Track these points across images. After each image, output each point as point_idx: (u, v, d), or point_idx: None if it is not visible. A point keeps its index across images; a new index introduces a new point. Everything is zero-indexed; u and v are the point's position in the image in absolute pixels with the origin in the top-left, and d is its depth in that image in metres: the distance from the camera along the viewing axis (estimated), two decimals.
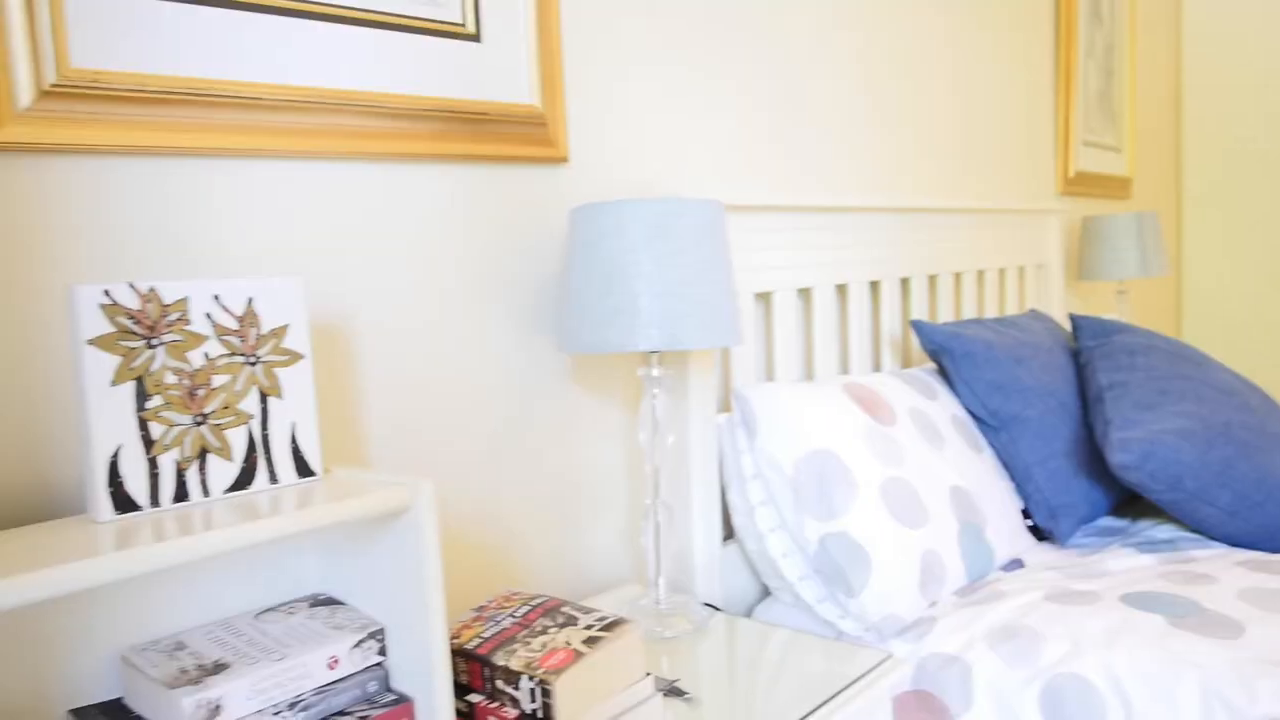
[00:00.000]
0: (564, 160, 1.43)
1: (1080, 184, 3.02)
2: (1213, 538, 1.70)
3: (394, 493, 0.91)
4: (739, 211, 1.63)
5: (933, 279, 2.21)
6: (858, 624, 1.46)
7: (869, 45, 2.08)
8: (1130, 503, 1.96)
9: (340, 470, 1.02)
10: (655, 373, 1.36)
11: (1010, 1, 2.63)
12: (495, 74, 1.33)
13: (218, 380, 0.90)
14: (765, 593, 1.67)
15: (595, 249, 1.27)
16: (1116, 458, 1.63)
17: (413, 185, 1.26)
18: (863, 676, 1.24)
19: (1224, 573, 1.51)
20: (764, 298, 1.79)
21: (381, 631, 0.97)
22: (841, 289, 1.97)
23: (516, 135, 1.36)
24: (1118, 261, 2.80)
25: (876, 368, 2.06)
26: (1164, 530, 1.77)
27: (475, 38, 1.30)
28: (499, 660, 1.02)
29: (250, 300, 0.93)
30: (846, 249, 1.90)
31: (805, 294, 1.88)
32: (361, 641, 0.95)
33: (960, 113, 2.42)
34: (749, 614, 1.63)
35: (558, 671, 0.98)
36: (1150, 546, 1.68)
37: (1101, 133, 3.18)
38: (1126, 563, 1.61)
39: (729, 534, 1.69)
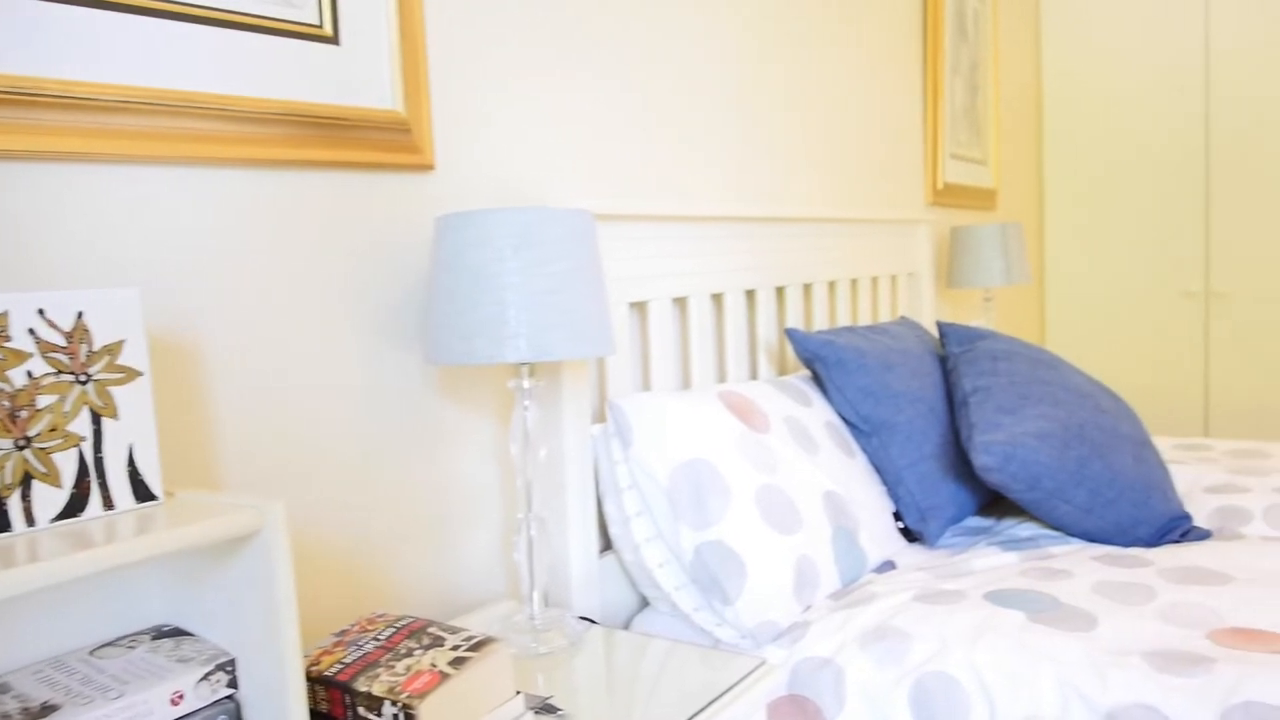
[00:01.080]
0: (430, 168, 1.40)
1: (948, 195, 3.13)
2: (1071, 534, 1.77)
3: (242, 516, 0.86)
4: (611, 221, 1.63)
5: (808, 287, 2.25)
6: (734, 631, 1.47)
7: (744, 59, 2.10)
8: (996, 502, 2.03)
9: (186, 494, 0.96)
10: (526, 384, 1.34)
11: (880, 20, 2.71)
12: (355, 78, 1.29)
13: (43, 401, 0.84)
14: (644, 603, 1.66)
15: (461, 259, 1.25)
16: (980, 460, 1.68)
17: (266, 192, 1.21)
18: (736, 684, 1.24)
19: (1079, 567, 1.57)
20: (639, 307, 1.79)
21: (232, 663, 0.92)
22: (717, 298, 1.99)
23: (379, 142, 1.32)
24: (984, 270, 2.90)
25: (753, 376, 2.08)
26: (1026, 528, 1.84)
27: (333, 40, 1.26)
28: (360, 686, 0.98)
29: (80, 314, 0.87)
30: (721, 258, 1.92)
31: (681, 303, 1.89)
32: (209, 674, 0.90)
33: (834, 126, 2.47)
34: (628, 625, 1.62)
35: (422, 695, 0.95)
36: (1013, 544, 1.75)
37: (968, 146, 3.30)
38: (991, 561, 1.66)
39: (608, 545, 1.68)
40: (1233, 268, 3.63)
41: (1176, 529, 1.74)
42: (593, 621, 1.46)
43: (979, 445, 1.70)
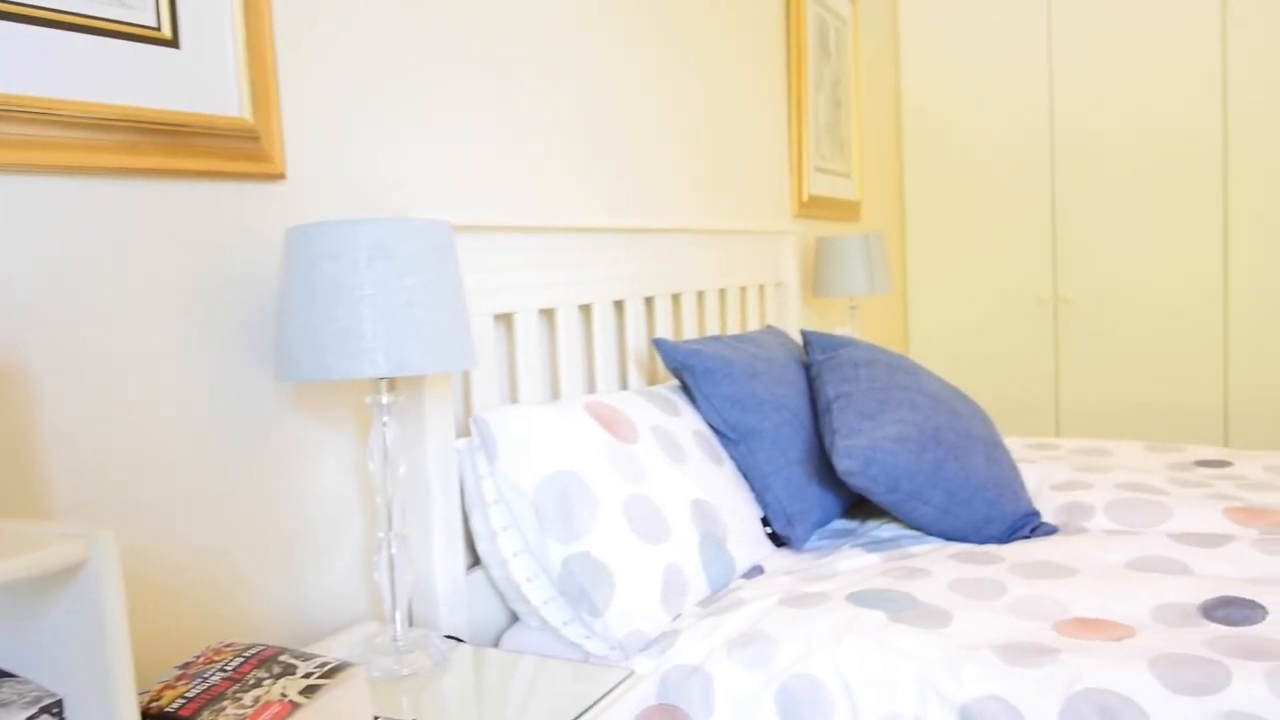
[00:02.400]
0: (280, 177, 1.35)
1: (814, 207, 3.21)
2: (929, 533, 1.83)
3: (68, 546, 0.81)
4: (474, 232, 1.60)
5: (676, 298, 2.27)
6: (603, 643, 1.46)
7: (614, 71, 2.11)
8: (860, 504, 2.09)
9: (6, 524, 0.89)
10: (385, 399, 1.30)
11: (745, 37, 2.77)
12: (197, 83, 1.23)
13: None
14: (514, 619, 1.64)
15: (314, 271, 1.20)
16: (842, 464, 1.72)
17: (100, 203, 1.14)
18: (605, 696, 1.23)
19: (937, 566, 1.63)
20: (504, 319, 1.77)
21: (59, 704, 0.86)
22: (585, 309, 1.98)
23: (225, 150, 1.26)
24: (848, 279, 2.99)
25: (623, 386, 2.08)
26: (888, 529, 1.90)
27: (172, 43, 1.20)
28: None
29: None
30: (589, 269, 1.92)
31: (548, 314, 1.88)
32: (33, 717, 0.84)
33: (703, 141, 2.51)
34: (497, 642, 1.59)
35: None
36: (875, 545, 1.80)
37: (832, 159, 3.40)
38: (854, 562, 1.70)
39: (476, 562, 1.65)
40: (1077, 276, 3.85)
41: (1026, 526, 1.82)
42: (459, 640, 1.43)
43: (841, 450, 1.74)
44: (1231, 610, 1.39)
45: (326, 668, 1.01)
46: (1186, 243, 3.65)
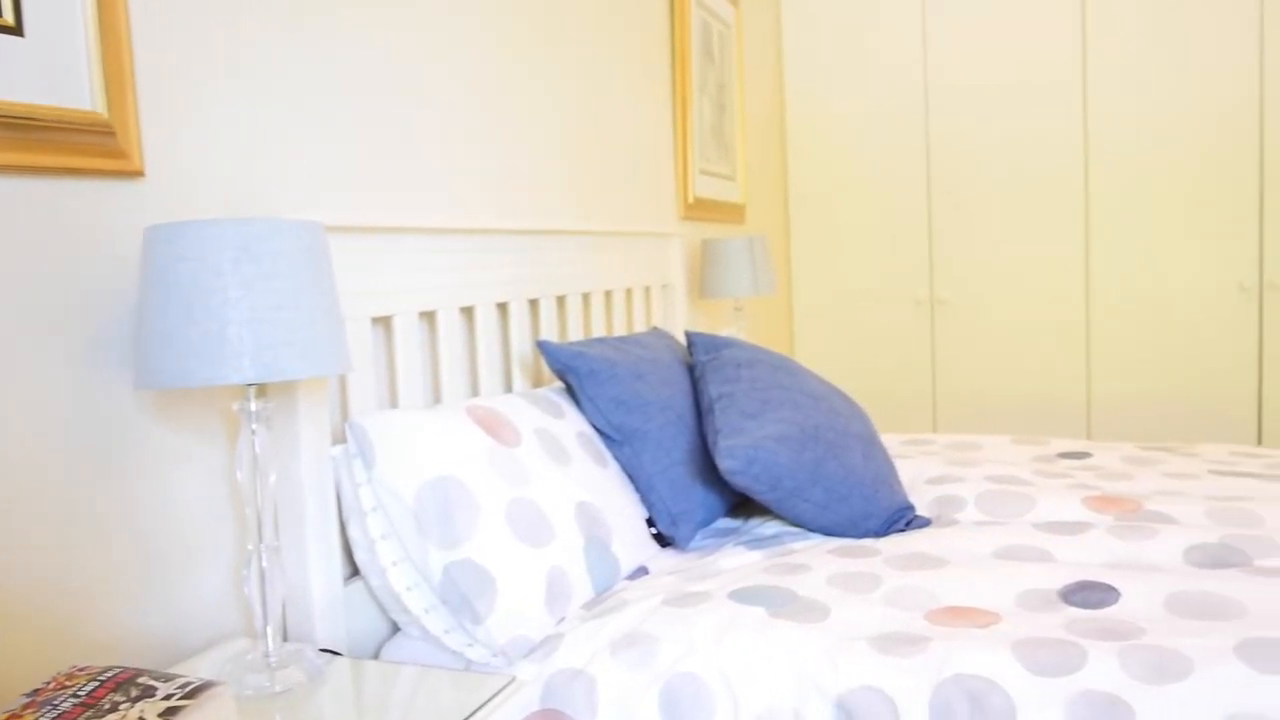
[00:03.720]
0: (139, 174, 1.29)
1: (699, 210, 3.25)
2: (810, 530, 1.87)
3: None
4: (350, 233, 1.56)
5: (561, 299, 2.27)
6: (486, 651, 1.44)
7: (495, 72, 2.09)
8: (744, 503, 2.12)
9: None
10: (254, 406, 1.26)
11: (629, 40, 2.78)
12: (45, 75, 1.17)
13: None
14: (395, 630, 1.60)
15: (174, 273, 1.15)
16: (725, 463, 1.75)
17: None
18: (485, 704, 1.21)
19: (816, 561, 1.66)
20: (383, 322, 1.73)
21: None
22: (468, 311, 1.96)
23: (77, 145, 1.20)
24: (733, 281, 3.03)
25: (508, 389, 2.06)
26: (770, 527, 1.93)
27: (15, 31, 1.13)
28: None
29: None
30: (472, 271, 1.89)
31: (429, 317, 1.84)
32: None
33: (589, 143, 2.50)
34: (378, 654, 1.55)
35: None
36: (758, 543, 1.82)
37: (717, 162, 3.44)
38: (737, 560, 1.73)
39: (356, 572, 1.61)
40: (952, 277, 3.99)
41: (901, 519, 1.88)
42: (335, 653, 1.39)
43: (724, 449, 1.76)
44: (1088, 594, 1.46)
45: (189, 688, 0.97)
46: (1052, 245, 3.83)
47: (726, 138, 3.54)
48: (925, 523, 1.90)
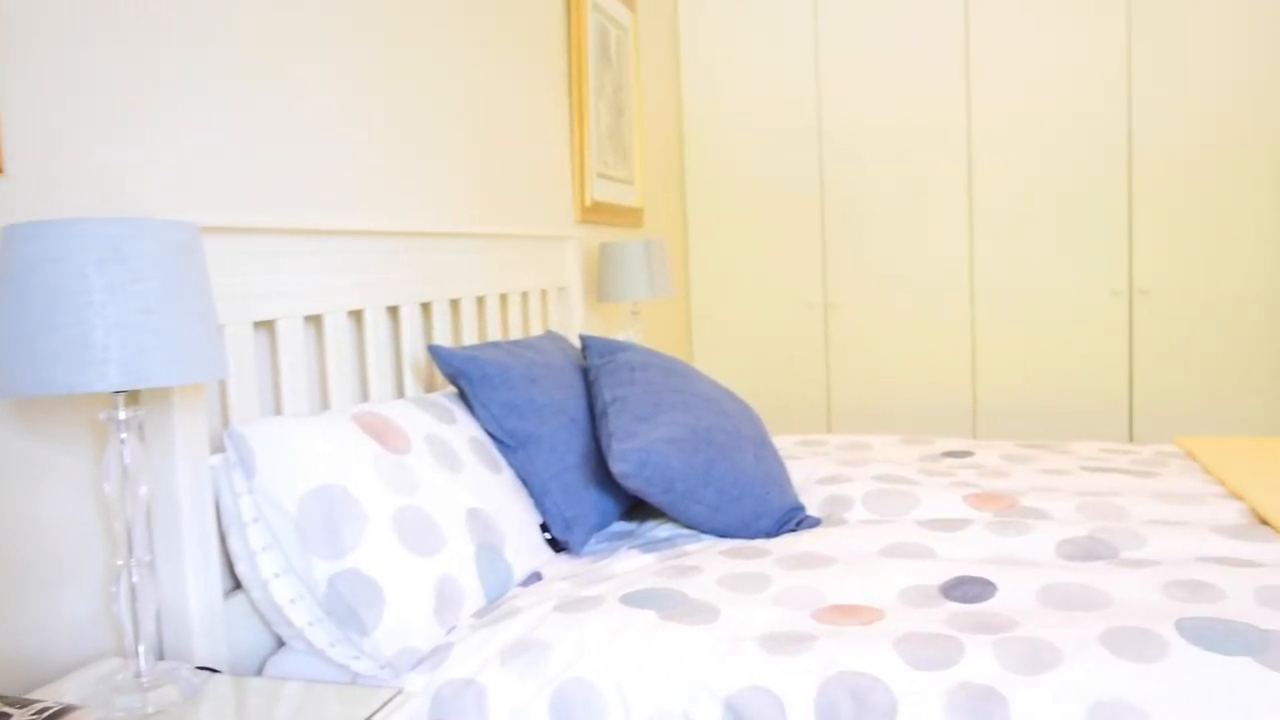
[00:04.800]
0: None
1: (597, 213, 3.25)
2: (703, 531, 1.89)
3: None
4: (228, 234, 1.51)
5: (455, 303, 2.24)
6: (373, 663, 1.41)
7: (385, 71, 2.04)
8: (640, 506, 2.13)
9: None
10: (122, 415, 1.20)
11: (525, 41, 2.76)
12: None
13: None
14: (280, 644, 1.55)
15: (34, 275, 1.10)
16: (617, 467, 1.75)
17: None
18: (371, 718, 1.19)
19: (708, 562, 1.68)
20: (267, 326, 1.68)
21: None
22: (357, 315, 1.91)
23: None
24: (630, 284, 3.05)
25: (400, 395, 2.02)
26: (665, 529, 1.94)
27: None
28: None
29: None
30: (360, 274, 1.85)
31: (316, 321, 1.80)
32: None
33: (484, 144, 2.48)
34: (261, 670, 1.50)
35: None
36: (651, 545, 1.83)
37: (615, 166, 3.45)
38: (630, 564, 1.73)
39: (238, 585, 1.56)
40: (844, 282, 4.09)
41: (792, 519, 1.91)
42: (214, 671, 1.35)
43: (616, 453, 1.77)
44: (967, 589, 1.51)
45: (48, 713, 0.92)
46: (939, 251, 3.96)
47: (624, 141, 3.55)
48: (815, 523, 1.94)
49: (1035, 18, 3.76)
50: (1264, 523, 1.81)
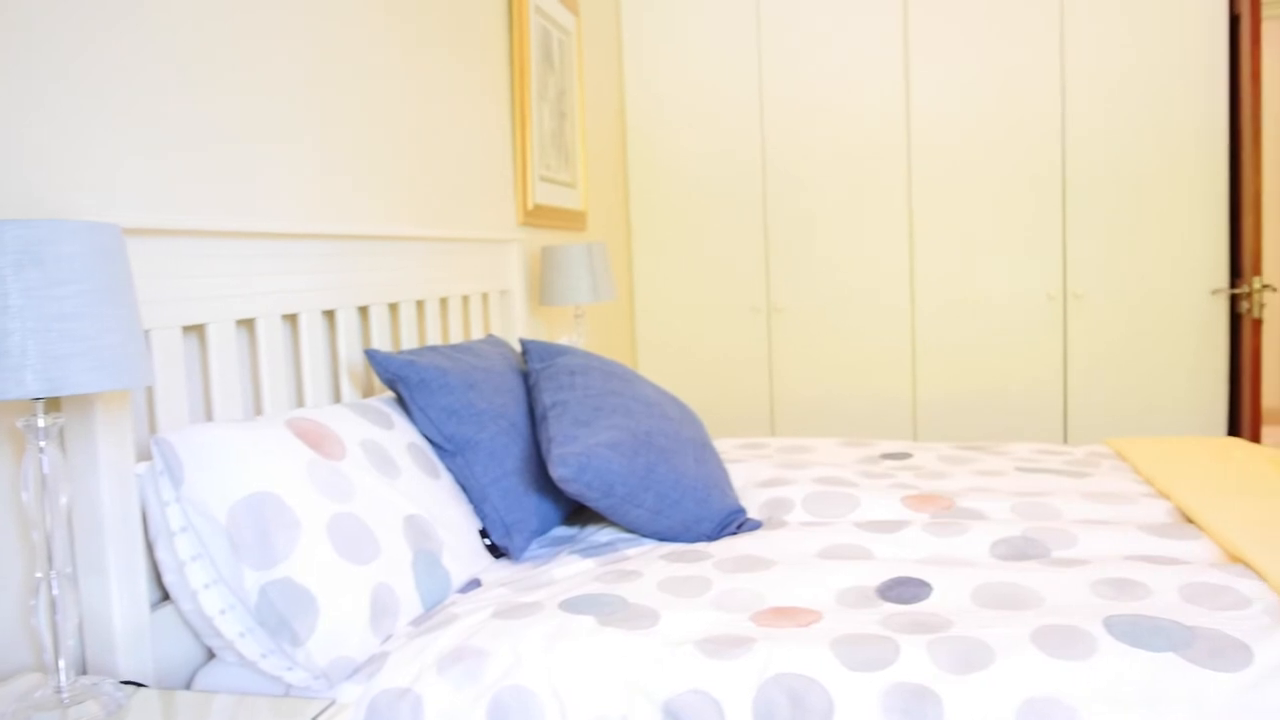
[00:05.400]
0: None
1: (539, 216, 3.23)
2: (644, 535, 1.88)
3: None
4: (153, 236, 1.47)
5: (394, 307, 2.21)
6: (306, 674, 1.39)
7: (322, 69, 2.01)
8: (581, 511, 2.11)
9: None
10: (41, 423, 1.17)
11: (467, 44, 2.74)
12: None
13: None
14: (211, 656, 1.52)
15: None
16: (557, 471, 1.74)
17: None
18: None
19: (649, 567, 1.68)
20: (196, 330, 1.64)
21: None
22: (291, 319, 1.88)
23: None
24: (572, 288, 3.04)
25: (336, 400, 1.99)
26: (605, 534, 1.93)
27: None
28: None
29: None
30: (295, 277, 1.82)
31: (248, 325, 1.76)
32: None
33: (424, 147, 2.45)
34: (190, 683, 1.47)
35: None
36: (592, 550, 1.82)
37: (557, 169, 3.44)
38: (571, 569, 1.72)
39: (166, 596, 1.51)
40: (787, 286, 4.12)
41: (733, 522, 1.91)
42: (140, 685, 1.31)
43: (556, 457, 1.75)
44: (903, 589, 1.53)
45: None
46: (880, 256, 4.01)
47: (567, 145, 3.54)
48: (756, 525, 1.94)
49: (972, 30, 3.82)
50: (1189, 521, 1.86)
